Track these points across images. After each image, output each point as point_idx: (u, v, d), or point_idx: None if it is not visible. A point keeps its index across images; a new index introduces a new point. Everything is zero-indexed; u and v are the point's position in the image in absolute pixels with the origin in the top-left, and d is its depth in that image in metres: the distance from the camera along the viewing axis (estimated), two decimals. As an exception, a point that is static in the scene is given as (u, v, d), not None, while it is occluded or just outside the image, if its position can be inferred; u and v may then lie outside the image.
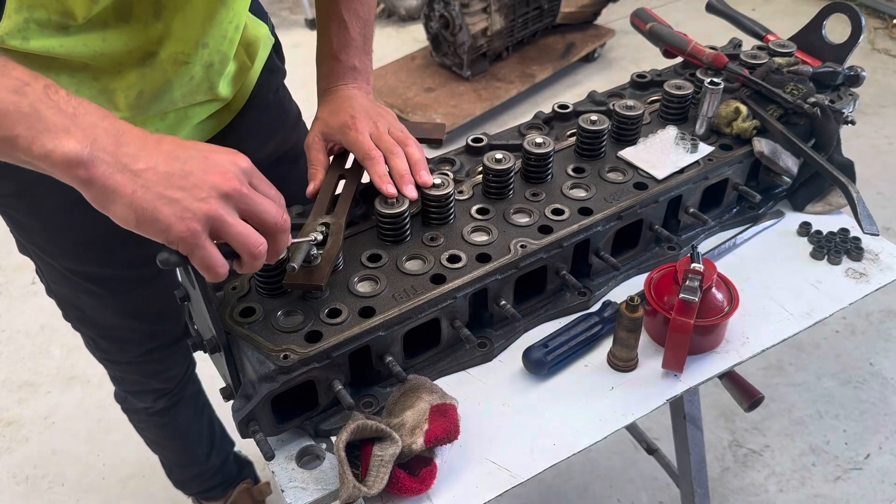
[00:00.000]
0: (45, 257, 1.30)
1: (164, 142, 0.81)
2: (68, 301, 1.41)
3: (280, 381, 0.93)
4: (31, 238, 1.28)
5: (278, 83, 1.41)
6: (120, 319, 1.41)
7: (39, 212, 1.21)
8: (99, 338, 1.48)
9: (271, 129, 1.39)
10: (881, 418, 2.34)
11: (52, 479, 2.27)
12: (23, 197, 1.19)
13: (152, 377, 1.62)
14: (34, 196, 1.18)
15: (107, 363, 1.57)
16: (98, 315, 1.41)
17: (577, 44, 4.01)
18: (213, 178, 0.79)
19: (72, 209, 1.20)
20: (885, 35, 4.39)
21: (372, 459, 0.93)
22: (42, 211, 1.21)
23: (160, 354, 1.54)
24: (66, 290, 1.37)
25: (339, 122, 1.17)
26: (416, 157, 1.15)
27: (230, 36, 1.14)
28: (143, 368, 1.58)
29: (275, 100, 1.40)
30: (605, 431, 1.03)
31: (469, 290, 1.06)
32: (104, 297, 1.35)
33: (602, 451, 2.24)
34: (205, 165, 0.80)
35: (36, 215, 1.22)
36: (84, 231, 1.23)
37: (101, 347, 1.50)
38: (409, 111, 3.54)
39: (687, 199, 1.25)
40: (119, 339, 1.48)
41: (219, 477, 2.01)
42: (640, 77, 1.46)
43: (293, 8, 4.86)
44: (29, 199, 1.19)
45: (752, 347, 1.14)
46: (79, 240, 1.25)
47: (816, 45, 1.43)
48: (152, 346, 1.50)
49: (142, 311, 1.40)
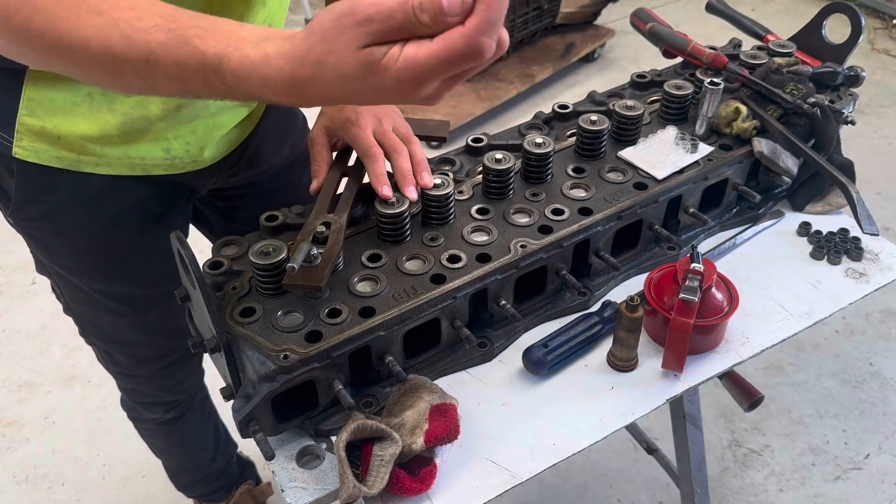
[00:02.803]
0: (70, 277, 1.28)
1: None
2: (88, 319, 1.40)
3: (280, 381, 0.93)
4: (56, 259, 1.26)
5: None
6: (141, 336, 1.41)
7: (68, 234, 1.20)
8: (117, 353, 1.47)
9: (284, 134, 1.38)
10: (881, 418, 2.34)
11: (52, 479, 2.27)
12: (52, 219, 1.18)
13: (167, 390, 1.61)
14: (64, 219, 1.18)
15: (121, 377, 1.56)
16: (119, 332, 1.40)
17: (577, 44, 4.01)
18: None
19: (100, 230, 1.20)
20: (885, 35, 4.39)
21: (372, 459, 0.93)
22: (71, 233, 1.20)
23: (176, 368, 1.54)
24: (86, 308, 1.36)
25: (342, 117, 1.16)
26: (419, 156, 1.15)
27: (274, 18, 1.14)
28: (159, 382, 1.57)
29: None
30: (605, 431, 1.03)
31: (469, 290, 1.06)
32: (127, 316, 1.35)
33: (602, 451, 2.24)
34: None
35: (64, 237, 1.21)
36: (111, 251, 1.23)
37: (117, 362, 1.49)
38: (410, 111, 3.54)
39: (687, 199, 1.26)
40: (138, 356, 1.47)
41: (222, 480, 2.00)
42: (640, 77, 1.46)
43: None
44: (59, 221, 1.18)
45: (752, 347, 1.14)
46: (106, 260, 1.25)
47: (816, 45, 1.43)
48: (170, 360, 1.50)
49: (162, 327, 1.40)
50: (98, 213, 1.18)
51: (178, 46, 0.73)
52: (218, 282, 1.04)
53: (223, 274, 1.05)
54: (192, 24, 0.74)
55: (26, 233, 1.24)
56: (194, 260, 0.92)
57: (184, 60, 0.73)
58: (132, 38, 0.73)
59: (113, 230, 1.21)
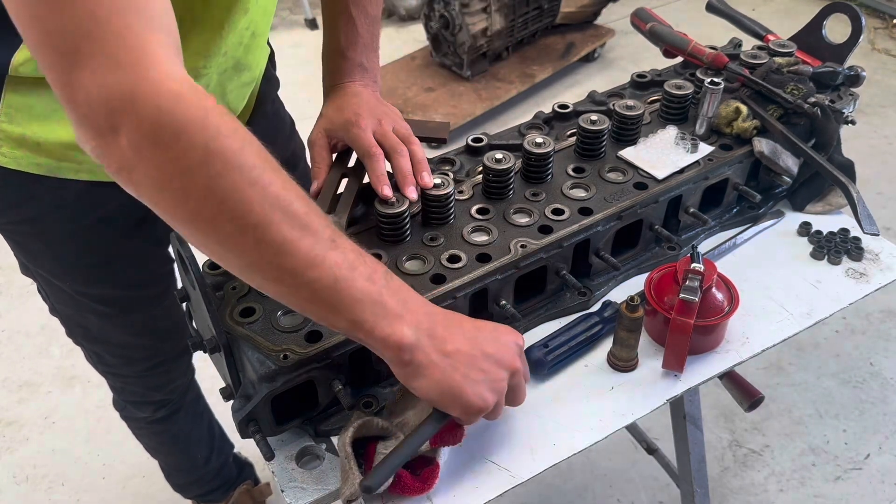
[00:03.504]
0: (54, 280, 1.29)
1: (464, 323, 0.91)
2: (74, 321, 1.40)
3: (280, 381, 0.93)
4: (39, 262, 1.27)
5: (274, 93, 1.41)
6: (127, 337, 1.41)
7: (51, 238, 1.20)
8: (105, 353, 1.47)
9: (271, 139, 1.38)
10: (881, 418, 2.34)
11: (52, 479, 2.27)
12: (32, 224, 1.18)
13: (155, 390, 1.61)
14: (44, 224, 1.18)
15: (109, 376, 1.56)
16: (105, 333, 1.40)
17: (577, 44, 4.01)
18: (506, 359, 0.90)
19: (83, 235, 1.20)
20: (885, 35, 4.39)
21: (376, 457, 0.94)
22: (53, 238, 1.20)
23: (164, 368, 1.54)
24: (72, 310, 1.36)
25: (342, 118, 1.16)
26: (419, 156, 1.15)
27: (245, 42, 1.13)
28: (147, 382, 1.57)
29: (272, 109, 1.39)
30: (605, 431, 1.03)
31: (469, 290, 1.06)
32: (112, 317, 1.35)
33: (602, 451, 2.24)
34: (496, 347, 0.90)
35: (47, 242, 1.21)
36: (94, 255, 1.23)
37: (105, 362, 1.50)
38: (410, 111, 3.54)
39: (687, 199, 1.25)
40: (125, 356, 1.47)
41: (218, 480, 2.00)
42: (640, 77, 1.46)
43: (293, 8, 4.85)
44: (41, 226, 1.18)
45: (752, 347, 1.14)
46: (90, 264, 1.25)
47: (816, 45, 1.43)
48: (157, 360, 1.50)
49: (149, 328, 1.40)
50: (80, 219, 1.17)
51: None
52: (217, 281, 1.04)
53: (223, 274, 1.05)
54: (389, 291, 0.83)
55: (8, 237, 1.23)
56: (194, 260, 0.92)
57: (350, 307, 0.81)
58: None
59: (95, 235, 1.20)
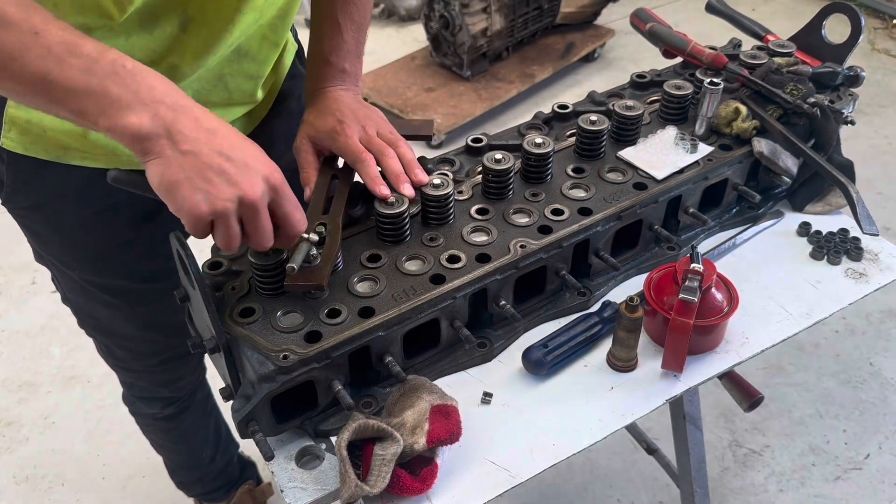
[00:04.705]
0: (63, 268, 1.29)
1: (219, 133, 0.86)
2: (84, 310, 1.41)
3: (280, 381, 0.93)
4: (48, 249, 1.27)
5: (301, 90, 1.40)
6: (135, 330, 1.41)
7: (58, 224, 1.21)
8: (114, 346, 1.47)
9: (293, 137, 1.38)
10: (881, 418, 2.34)
11: (52, 479, 2.27)
12: (42, 210, 1.19)
13: (163, 386, 1.62)
14: (54, 210, 1.18)
15: (119, 370, 1.57)
16: (113, 325, 1.40)
17: (577, 44, 4.01)
18: (242, 183, 0.85)
19: (90, 223, 1.20)
20: (885, 35, 4.39)
21: (373, 459, 0.93)
22: (61, 224, 1.21)
23: (172, 365, 1.54)
24: (82, 299, 1.36)
25: (326, 126, 1.16)
26: (408, 157, 1.15)
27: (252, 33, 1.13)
28: (155, 378, 1.58)
29: (297, 107, 1.38)
30: (605, 431, 1.03)
31: (469, 290, 1.06)
32: (120, 308, 1.35)
33: (602, 451, 2.24)
34: (237, 170, 0.85)
35: (55, 227, 1.22)
36: (102, 244, 1.24)
37: (114, 355, 1.50)
38: (409, 111, 3.54)
39: (686, 199, 1.25)
40: (133, 349, 1.48)
41: (222, 479, 2.00)
42: (639, 77, 1.46)
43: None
44: (48, 212, 1.19)
45: (752, 347, 1.14)
46: (97, 253, 1.25)
47: (816, 45, 1.43)
48: (165, 356, 1.50)
49: (157, 323, 1.40)
50: (88, 206, 1.18)
51: None
52: (217, 282, 1.04)
53: (222, 274, 1.05)
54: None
55: (20, 221, 1.24)
56: (194, 260, 0.92)
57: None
58: None
59: (104, 223, 1.21)
